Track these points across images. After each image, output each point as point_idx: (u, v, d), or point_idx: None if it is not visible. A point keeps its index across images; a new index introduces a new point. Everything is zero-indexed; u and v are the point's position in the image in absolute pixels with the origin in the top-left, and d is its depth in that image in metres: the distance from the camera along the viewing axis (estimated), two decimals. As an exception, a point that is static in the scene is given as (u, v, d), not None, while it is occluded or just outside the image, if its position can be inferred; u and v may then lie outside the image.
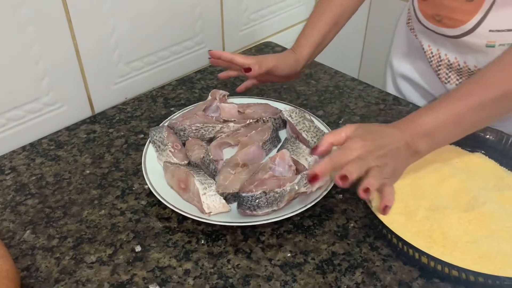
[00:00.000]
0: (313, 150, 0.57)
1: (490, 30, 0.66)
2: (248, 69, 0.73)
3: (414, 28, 0.81)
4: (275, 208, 0.60)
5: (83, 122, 0.81)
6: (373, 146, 0.54)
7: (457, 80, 0.77)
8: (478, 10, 0.66)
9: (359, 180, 0.53)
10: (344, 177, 0.51)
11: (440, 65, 0.77)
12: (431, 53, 0.77)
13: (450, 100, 0.57)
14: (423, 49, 0.79)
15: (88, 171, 0.70)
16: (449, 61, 0.75)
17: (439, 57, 0.77)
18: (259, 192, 0.59)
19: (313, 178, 0.53)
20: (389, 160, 0.55)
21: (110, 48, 0.81)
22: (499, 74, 0.56)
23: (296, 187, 0.61)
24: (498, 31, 0.66)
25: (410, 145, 0.56)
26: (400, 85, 0.91)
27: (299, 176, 0.61)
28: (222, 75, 0.79)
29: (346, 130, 0.57)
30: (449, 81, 0.78)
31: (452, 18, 0.69)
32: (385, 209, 0.53)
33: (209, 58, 0.77)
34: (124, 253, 0.58)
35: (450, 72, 0.77)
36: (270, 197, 0.59)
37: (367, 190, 0.52)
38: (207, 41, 0.96)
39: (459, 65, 0.74)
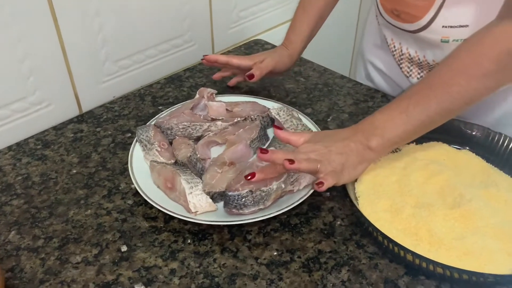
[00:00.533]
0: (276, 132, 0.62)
1: (443, 26, 0.68)
2: (251, 76, 0.78)
3: (379, 22, 0.82)
4: (261, 207, 0.60)
5: (70, 121, 0.81)
6: (320, 146, 0.59)
7: (418, 74, 0.79)
8: (431, 7, 0.68)
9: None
10: (291, 161, 0.55)
11: (402, 59, 0.79)
12: (394, 46, 0.79)
13: (401, 98, 0.61)
14: (387, 42, 0.81)
15: (74, 171, 0.70)
16: (410, 55, 0.77)
17: (401, 51, 0.78)
18: (246, 191, 0.58)
19: (251, 176, 0.57)
20: (335, 156, 0.59)
21: (97, 46, 0.81)
22: (444, 74, 0.58)
23: (283, 186, 0.61)
24: (451, 27, 0.68)
25: (362, 141, 0.60)
26: (372, 75, 0.91)
27: (285, 175, 0.61)
28: (216, 76, 0.86)
29: (305, 136, 0.62)
30: (410, 75, 0.80)
31: (408, 13, 0.71)
32: (318, 184, 0.57)
33: (202, 59, 0.81)
34: (110, 253, 0.57)
35: (411, 65, 0.78)
36: (256, 195, 0.59)
37: (318, 184, 0.56)
38: (195, 39, 0.96)
39: (419, 59, 0.76)
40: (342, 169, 0.59)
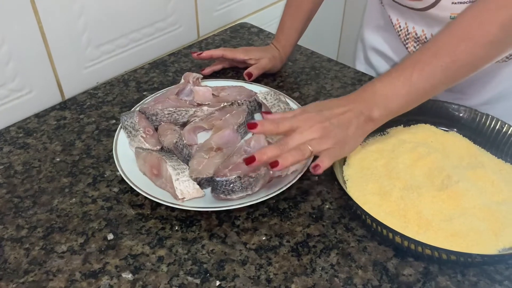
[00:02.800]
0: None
1: (453, 3, 0.67)
2: (249, 75, 0.81)
3: (383, 2, 0.81)
4: (249, 192, 0.59)
5: (53, 108, 0.79)
6: (317, 118, 0.56)
7: None
8: None
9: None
10: (274, 163, 0.53)
11: (408, 38, 0.78)
12: (399, 26, 0.78)
13: (403, 67, 0.58)
14: (392, 22, 0.79)
15: (58, 159, 0.68)
16: (416, 34, 0.76)
17: (407, 30, 0.77)
18: (234, 176, 0.58)
19: (250, 159, 0.54)
20: (335, 129, 0.56)
21: (78, 31, 0.78)
22: (448, 42, 0.57)
23: (271, 172, 0.60)
24: (461, 3, 0.66)
25: (363, 112, 0.57)
26: (371, 59, 0.91)
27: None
28: (206, 72, 0.85)
29: (298, 116, 0.57)
30: None
31: None
32: (314, 168, 0.54)
33: (191, 52, 0.83)
34: (96, 241, 0.57)
35: (417, 45, 0.77)
36: (244, 181, 0.58)
37: (315, 167, 0.54)
38: (180, 22, 0.93)
39: (426, 38, 0.75)
40: (342, 145, 0.56)
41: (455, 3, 0.67)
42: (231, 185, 0.58)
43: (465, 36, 0.56)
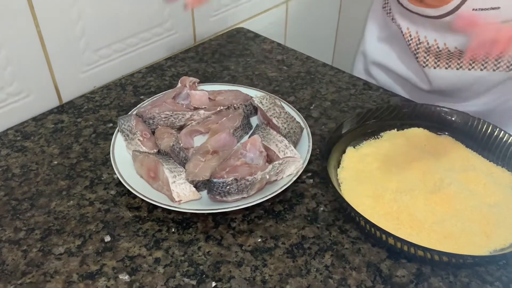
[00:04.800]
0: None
1: (473, 9, 0.65)
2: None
3: (391, 12, 0.81)
4: (245, 195, 0.60)
5: (51, 112, 0.79)
6: None
7: (435, 63, 0.77)
8: None
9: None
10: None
11: (418, 48, 0.77)
12: (410, 35, 0.77)
13: None
14: (402, 32, 0.78)
15: (56, 162, 0.69)
16: (428, 43, 0.75)
17: (418, 39, 0.76)
18: (231, 179, 0.59)
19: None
20: None
21: (76, 35, 0.79)
22: None
23: (267, 176, 0.61)
24: (482, 9, 0.65)
25: None
26: (372, 72, 0.91)
27: (270, 166, 0.61)
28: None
29: None
30: (427, 65, 0.78)
31: None
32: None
33: None
34: (93, 243, 0.57)
35: (428, 55, 0.77)
36: (241, 184, 0.59)
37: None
38: (177, 28, 0.94)
39: (438, 47, 0.74)
40: None
41: (476, 10, 0.65)
42: (228, 187, 0.58)
43: None
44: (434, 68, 0.78)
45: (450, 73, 0.78)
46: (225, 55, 0.95)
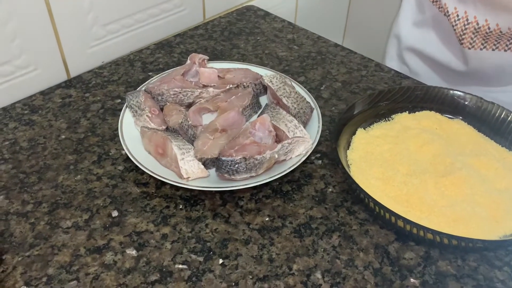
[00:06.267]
0: None
1: None
2: None
3: None
4: (253, 174, 0.59)
5: (58, 86, 0.79)
6: None
7: (482, 45, 0.75)
8: None
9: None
10: None
11: (466, 29, 0.74)
12: (457, 16, 0.74)
13: None
14: (448, 12, 0.75)
15: (63, 136, 0.69)
16: (478, 24, 0.72)
17: (467, 20, 0.73)
18: (239, 157, 0.58)
19: None
20: None
21: (84, 9, 0.78)
22: None
23: (276, 156, 0.60)
24: None
25: None
26: (406, 57, 0.88)
27: (279, 145, 0.60)
28: None
29: None
30: (473, 46, 0.76)
31: None
32: None
33: None
34: (100, 218, 0.57)
35: (475, 36, 0.74)
36: (249, 163, 0.58)
37: None
38: (186, 4, 0.93)
39: (489, 28, 0.71)
40: None
41: None
42: (236, 166, 0.58)
43: None
44: (481, 49, 0.75)
45: (495, 55, 0.76)
46: (235, 33, 0.94)
